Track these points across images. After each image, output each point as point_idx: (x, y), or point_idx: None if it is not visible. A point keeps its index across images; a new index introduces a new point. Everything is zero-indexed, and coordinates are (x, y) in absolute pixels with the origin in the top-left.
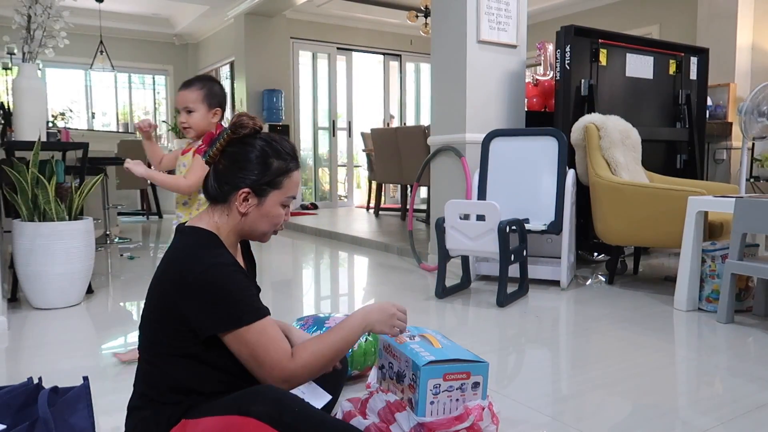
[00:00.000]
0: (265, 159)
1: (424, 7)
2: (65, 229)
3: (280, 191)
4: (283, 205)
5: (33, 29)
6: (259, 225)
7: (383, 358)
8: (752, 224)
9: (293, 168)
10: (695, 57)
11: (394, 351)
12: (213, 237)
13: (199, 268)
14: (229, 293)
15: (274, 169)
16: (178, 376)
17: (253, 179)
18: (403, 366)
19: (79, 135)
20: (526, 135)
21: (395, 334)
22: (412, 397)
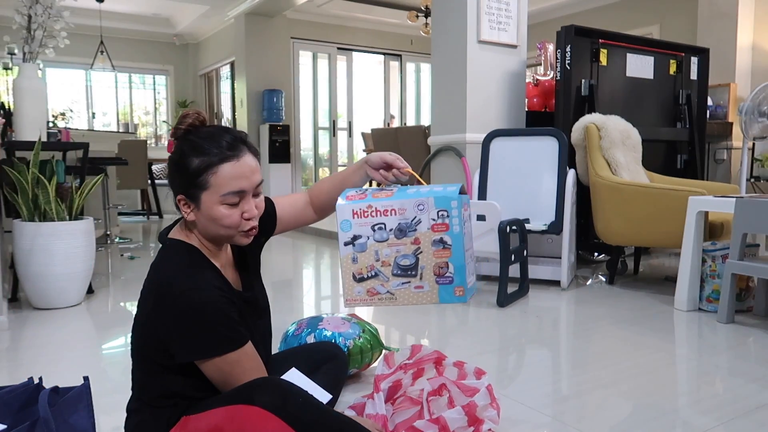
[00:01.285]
0: (184, 159)
1: (425, 7)
2: (66, 229)
3: (210, 191)
4: (227, 204)
5: (33, 29)
6: (214, 230)
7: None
8: (753, 224)
9: (218, 162)
10: (696, 57)
11: (385, 207)
12: (193, 251)
13: (175, 291)
14: (203, 321)
15: (193, 169)
16: (168, 384)
17: (180, 184)
18: (412, 213)
19: (80, 135)
20: (527, 135)
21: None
22: (443, 236)
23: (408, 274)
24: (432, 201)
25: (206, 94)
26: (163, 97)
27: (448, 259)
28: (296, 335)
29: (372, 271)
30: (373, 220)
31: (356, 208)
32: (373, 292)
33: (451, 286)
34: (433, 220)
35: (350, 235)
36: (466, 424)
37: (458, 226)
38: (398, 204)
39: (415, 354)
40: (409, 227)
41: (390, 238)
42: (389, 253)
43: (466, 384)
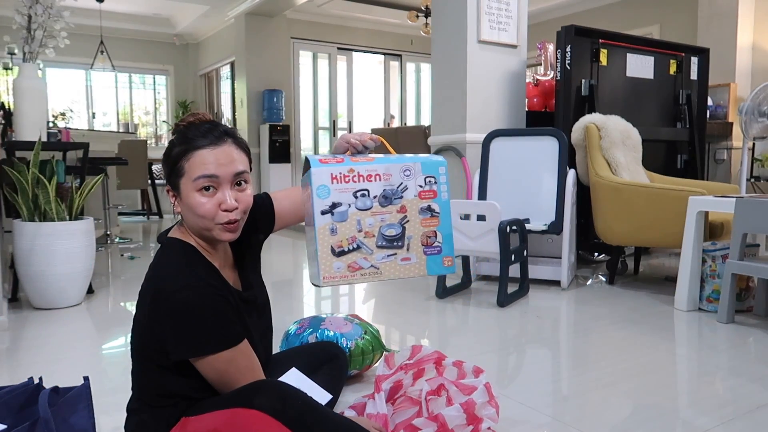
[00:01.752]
0: (170, 149)
1: (425, 7)
2: (66, 229)
3: (185, 177)
4: (200, 189)
5: (33, 29)
6: (193, 222)
7: (335, 194)
8: (753, 224)
9: (193, 148)
10: (696, 57)
11: (369, 171)
12: (188, 248)
13: (170, 289)
14: (197, 319)
15: (174, 156)
16: (167, 384)
17: (166, 174)
18: (397, 179)
19: (80, 135)
20: (527, 135)
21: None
22: (431, 204)
23: (394, 245)
24: (419, 166)
25: (206, 94)
26: (163, 97)
27: (437, 228)
28: (298, 335)
29: (354, 243)
30: (355, 186)
31: (335, 172)
32: (356, 266)
33: (440, 256)
34: (420, 187)
35: (328, 203)
36: (465, 422)
37: (446, 192)
38: (383, 168)
39: (416, 354)
40: (395, 194)
41: (374, 205)
42: (373, 223)
43: (464, 383)
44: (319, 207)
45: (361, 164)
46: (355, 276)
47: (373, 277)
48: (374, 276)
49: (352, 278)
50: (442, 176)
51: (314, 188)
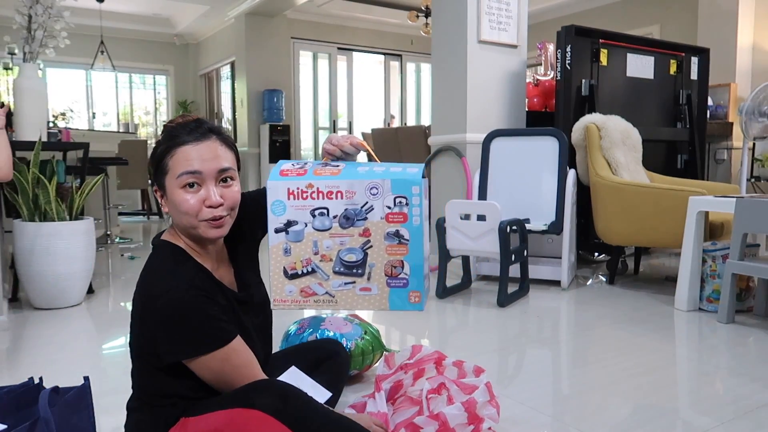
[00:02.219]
0: (156, 148)
1: (425, 7)
2: (66, 229)
3: (169, 174)
4: (184, 186)
5: (34, 29)
6: (179, 219)
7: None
8: (753, 224)
9: (176, 144)
10: (696, 57)
11: (330, 187)
12: (177, 251)
13: (155, 294)
14: (184, 321)
15: (158, 154)
16: (164, 385)
17: (152, 173)
18: (362, 197)
19: (80, 135)
20: (527, 135)
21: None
22: (399, 229)
23: (353, 273)
24: (389, 184)
25: (206, 94)
26: (163, 97)
27: (404, 257)
28: (298, 335)
29: (308, 267)
30: (313, 203)
31: (293, 187)
32: (308, 292)
33: (405, 290)
34: (389, 208)
35: (283, 220)
36: (466, 421)
37: (419, 217)
38: (346, 185)
39: (416, 354)
40: (359, 215)
41: (333, 226)
42: (331, 246)
43: (464, 382)
44: (273, 224)
45: (323, 179)
46: (307, 302)
47: (327, 306)
48: (328, 305)
49: (304, 303)
50: (415, 197)
51: (269, 202)
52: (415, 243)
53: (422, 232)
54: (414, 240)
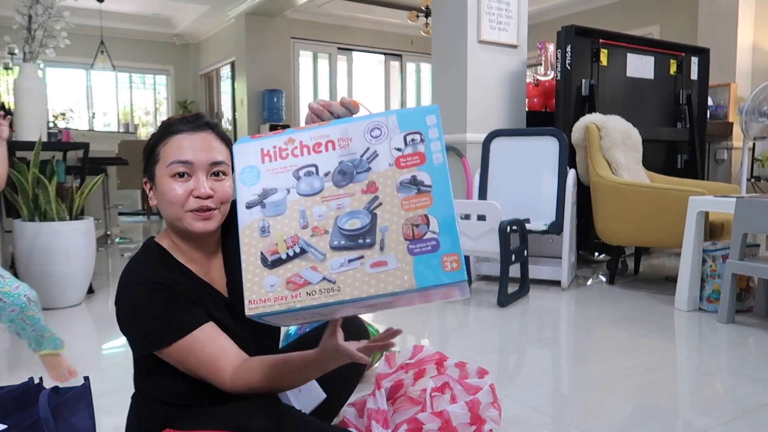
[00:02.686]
0: (149, 140)
1: (425, 7)
2: (66, 229)
3: (160, 163)
4: (174, 175)
5: (34, 29)
6: (164, 210)
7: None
8: (753, 224)
9: (170, 133)
10: (696, 57)
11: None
12: (155, 249)
13: (119, 287)
14: (139, 314)
15: (151, 144)
16: (145, 384)
17: (144, 165)
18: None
19: (80, 135)
20: (527, 135)
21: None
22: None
23: (359, 244)
24: (394, 120)
25: (206, 94)
26: (163, 97)
27: (428, 210)
28: (299, 335)
29: (295, 247)
30: (296, 162)
31: (267, 146)
32: (298, 282)
33: (437, 255)
34: (398, 151)
35: (257, 190)
36: (468, 421)
37: (441, 153)
38: (338, 131)
39: (417, 354)
40: (359, 166)
41: (326, 186)
42: (325, 213)
43: (468, 382)
44: (243, 198)
45: (305, 131)
46: (298, 296)
47: (329, 297)
48: (329, 295)
49: (293, 301)
50: (432, 129)
51: (237, 171)
52: (441, 188)
53: (447, 174)
54: (438, 185)
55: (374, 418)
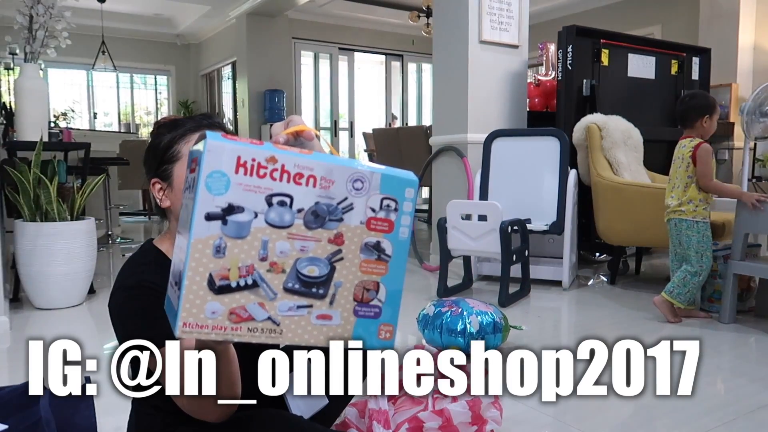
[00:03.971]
0: (156, 138)
1: (426, 8)
2: (67, 229)
3: (182, 160)
4: None
5: (35, 29)
6: None
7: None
8: (753, 225)
9: (191, 131)
10: (697, 57)
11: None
12: (149, 253)
13: (112, 289)
14: (125, 319)
15: (166, 143)
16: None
17: (153, 165)
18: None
19: (81, 135)
20: (528, 135)
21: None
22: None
23: (311, 293)
24: (378, 179)
25: (207, 94)
26: (164, 97)
27: (381, 279)
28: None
29: (249, 277)
30: (272, 186)
31: (246, 156)
32: (242, 315)
33: (376, 322)
34: (373, 211)
35: (222, 203)
36: (469, 420)
37: (407, 228)
38: (323, 169)
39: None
40: (333, 213)
41: (296, 223)
42: (287, 251)
43: None
44: (205, 206)
45: (291, 154)
46: (237, 330)
47: (268, 338)
48: (270, 336)
49: (232, 333)
50: (407, 202)
51: (203, 173)
52: (398, 261)
53: (407, 251)
54: (397, 258)
55: (375, 419)
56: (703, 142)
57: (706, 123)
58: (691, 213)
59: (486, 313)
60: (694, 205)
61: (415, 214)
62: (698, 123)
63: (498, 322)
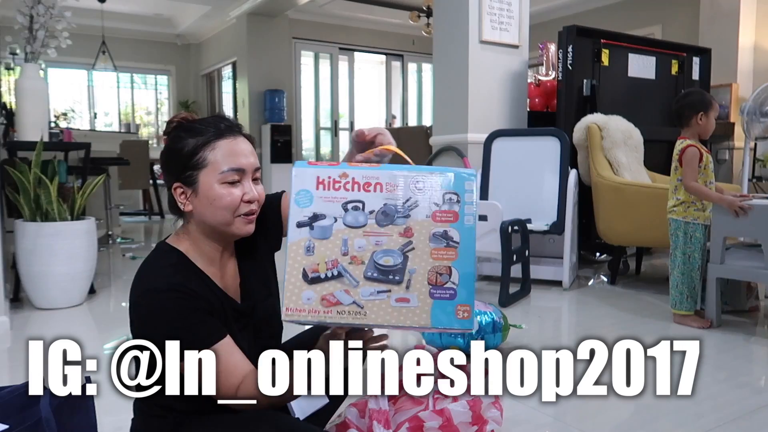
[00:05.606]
0: (178, 142)
1: (426, 7)
2: (67, 229)
3: (209, 168)
4: (227, 182)
5: (35, 29)
6: (212, 216)
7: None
8: (731, 228)
9: (215, 138)
10: (697, 57)
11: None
12: (172, 253)
13: (136, 293)
14: (158, 323)
15: (190, 149)
16: (155, 395)
17: (176, 170)
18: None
19: (82, 135)
20: (529, 135)
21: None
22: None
23: (389, 279)
24: (437, 178)
25: (208, 94)
26: (165, 97)
27: (452, 263)
28: None
29: (334, 270)
30: (346, 195)
31: (323, 175)
32: (331, 301)
33: (452, 303)
34: (436, 206)
35: (308, 213)
36: (470, 420)
37: (472, 216)
38: (387, 176)
39: None
40: (400, 211)
41: (369, 223)
42: (364, 246)
43: None
44: (295, 217)
45: (359, 169)
46: (329, 313)
47: (354, 319)
48: (356, 317)
49: (324, 316)
50: (468, 193)
51: (293, 193)
52: (466, 247)
53: (474, 235)
54: (465, 243)
55: (376, 419)
56: (691, 144)
57: (701, 121)
58: (681, 213)
59: (485, 312)
60: (685, 206)
61: None
62: (693, 121)
63: (497, 322)
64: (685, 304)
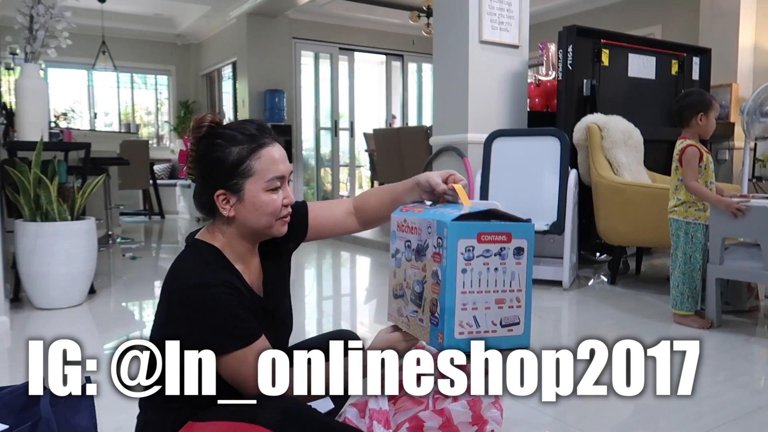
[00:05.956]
0: (219, 151)
1: (427, 7)
2: (67, 229)
3: (255, 177)
4: (270, 189)
5: (35, 29)
6: (256, 221)
7: (397, 241)
8: (729, 229)
9: (258, 147)
10: (697, 57)
11: (411, 223)
12: (212, 250)
13: (184, 287)
14: (212, 317)
15: (234, 159)
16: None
17: (220, 178)
18: (424, 235)
19: (82, 135)
20: (529, 135)
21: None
22: (437, 269)
23: (417, 303)
24: (435, 224)
25: (208, 94)
26: (165, 98)
27: (437, 297)
28: None
29: (401, 290)
30: (405, 236)
31: (400, 220)
32: (400, 313)
33: (436, 329)
34: (434, 248)
35: (393, 249)
36: (470, 420)
37: (446, 260)
38: (418, 222)
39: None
40: (422, 251)
41: (411, 258)
42: (411, 275)
43: None
44: (391, 250)
45: (411, 215)
46: (399, 321)
47: (407, 329)
48: (407, 327)
49: (398, 320)
50: (445, 240)
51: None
52: (447, 284)
53: (453, 275)
54: (445, 281)
55: (376, 419)
56: (691, 144)
57: (701, 121)
58: (682, 213)
59: None
60: (686, 207)
61: None
62: (693, 121)
63: None
64: (686, 304)
